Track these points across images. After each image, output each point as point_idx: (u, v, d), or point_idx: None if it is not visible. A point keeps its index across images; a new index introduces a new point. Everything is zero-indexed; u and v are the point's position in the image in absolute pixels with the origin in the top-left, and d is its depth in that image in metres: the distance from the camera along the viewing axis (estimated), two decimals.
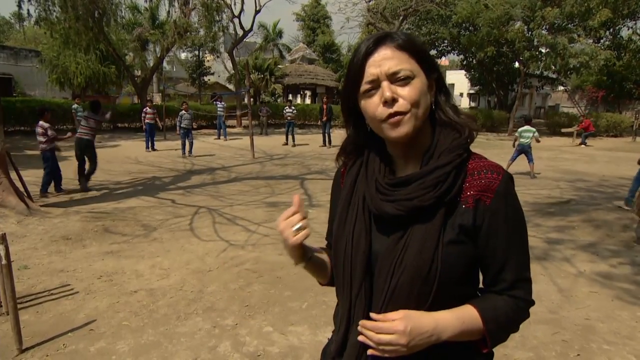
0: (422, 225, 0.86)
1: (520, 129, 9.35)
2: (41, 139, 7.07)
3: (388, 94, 0.84)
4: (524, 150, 9.21)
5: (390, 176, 0.93)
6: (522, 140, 9.19)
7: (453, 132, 0.90)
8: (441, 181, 0.85)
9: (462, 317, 0.87)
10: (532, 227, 5.62)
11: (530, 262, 0.96)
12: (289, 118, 15.36)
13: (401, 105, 0.84)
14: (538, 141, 9.30)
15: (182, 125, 12.19)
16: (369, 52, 0.86)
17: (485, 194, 0.87)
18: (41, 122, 7.06)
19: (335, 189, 1.10)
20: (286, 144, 15.35)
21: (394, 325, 0.83)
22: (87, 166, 7.83)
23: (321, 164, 11.18)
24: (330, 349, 1.02)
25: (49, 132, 7.06)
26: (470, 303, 0.90)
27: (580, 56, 17.75)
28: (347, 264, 0.93)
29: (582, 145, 17.17)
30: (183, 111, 12.43)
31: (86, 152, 7.77)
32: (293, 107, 15.88)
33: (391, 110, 0.84)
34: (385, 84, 0.85)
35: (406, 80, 0.85)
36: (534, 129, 9.19)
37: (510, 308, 0.90)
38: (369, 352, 0.87)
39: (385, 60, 0.85)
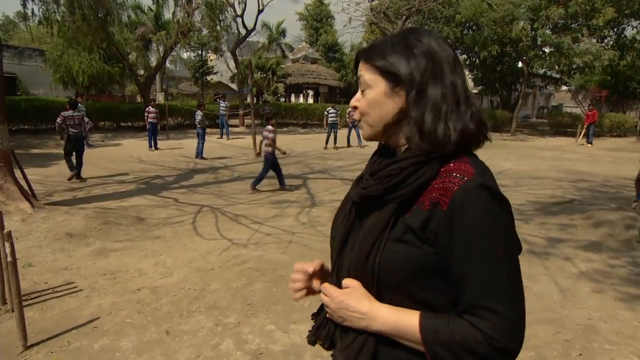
0: (372, 216, 0.91)
1: None
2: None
3: (352, 101, 0.98)
4: None
5: (375, 167, 0.99)
6: None
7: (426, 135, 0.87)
8: (392, 175, 0.87)
9: (400, 316, 0.84)
10: (535, 226, 5.62)
11: (533, 261, 0.93)
12: (331, 120, 14.64)
13: (356, 112, 0.97)
14: None
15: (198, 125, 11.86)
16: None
17: (443, 199, 0.81)
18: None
19: None
20: (326, 147, 14.39)
21: (331, 290, 0.93)
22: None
23: (323, 163, 11.20)
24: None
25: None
26: (423, 310, 0.84)
27: (584, 56, 17.67)
28: (333, 244, 1.01)
29: (589, 145, 17.07)
30: (199, 111, 12.14)
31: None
32: (337, 109, 15.27)
33: (354, 116, 0.98)
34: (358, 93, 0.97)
35: (363, 92, 0.95)
36: None
37: (459, 332, 0.78)
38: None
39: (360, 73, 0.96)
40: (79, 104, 13.02)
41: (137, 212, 6.12)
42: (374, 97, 0.92)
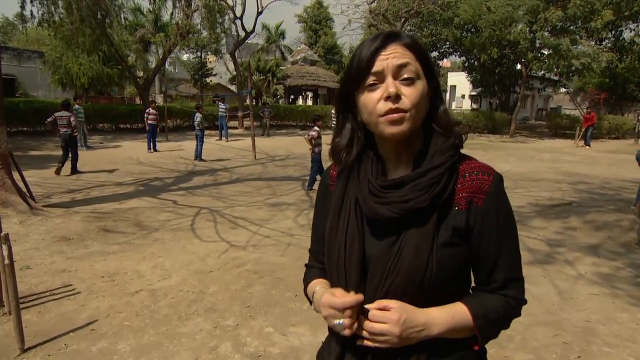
0: (417, 228, 0.86)
1: None
2: None
3: (392, 90, 0.84)
4: None
5: (382, 178, 0.93)
6: None
7: (443, 135, 0.91)
8: (435, 182, 0.86)
9: (452, 313, 0.89)
10: (533, 228, 5.62)
11: (531, 264, 0.98)
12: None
13: (403, 103, 0.85)
14: None
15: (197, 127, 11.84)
16: (379, 47, 0.86)
17: (477, 195, 0.88)
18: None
19: (323, 192, 1.08)
20: None
21: (388, 314, 0.84)
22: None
23: (322, 165, 11.17)
24: (326, 353, 1.01)
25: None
26: (461, 300, 0.91)
27: (582, 58, 17.73)
28: (342, 269, 0.92)
29: (587, 147, 17.07)
30: (198, 113, 12.15)
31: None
32: None
33: (392, 106, 0.84)
34: (390, 79, 0.85)
35: (410, 81, 0.85)
36: None
37: (500, 306, 0.91)
38: (360, 342, 0.87)
39: (394, 55, 0.86)
40: (76, 106, 13.04)
41: (136, 214, 6.11)
42: (423, 90, 0.88)
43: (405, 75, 0.85)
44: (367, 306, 0.86)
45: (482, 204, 0.88)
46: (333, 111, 15.56)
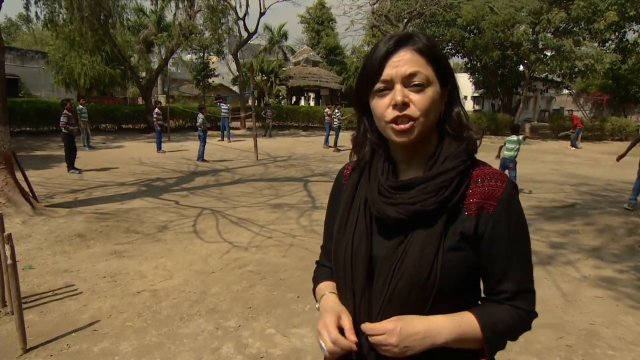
0: (423, 230, 0.86)
1: (507, 139, 7.81)
2: None
3: (399, 98, 0.83)
4: (506, 165, 7.61)
5: (392, 179, 0.93)
6: (505, 152, 7.66)
7: (457, 140, 0.90)
8: (444, 186, 0.85)
9: (459, 322, 0.87)
10: (536, 231, 5.60)
11: (534, 266, 0.96)
12: (337, 122, 15.03)
13: (411, 110, 0.84)
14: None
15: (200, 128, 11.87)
16: (389, 52, 0.86)
17: (489, 202, 0.87)
18: None
19: (336, 190, 1.09)
20: (331, 147, 14.91)
21: (384, 324, 0.84)
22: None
23: (324, 166, 11.19)
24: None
25: None
26: (469, 310, 0.89)
27: (585, 59, 17.69)
28: (348, 268, 0.92)
29: (574, 148, 16.97)
30: (201, 114, 12.17)
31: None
32: (338, 111, 15.27)
33: (399, 113, 0.84)
34: (398, 86, 0.84)
35: (420, 87, 0.84)
36: (518, 138, 7.66)
37: (510, 317, 0.89)
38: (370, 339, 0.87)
39: (403, 62, 0.84)
40: (80, 106, 13.06)
41: (138, 215, 6.11)
42: (434, 96, 0.86)
43: (415, 82, 0.84)
44: (363, 326, 0.87)
45: (493, 211, 0.86)
46: (336, 110, 15.58)
